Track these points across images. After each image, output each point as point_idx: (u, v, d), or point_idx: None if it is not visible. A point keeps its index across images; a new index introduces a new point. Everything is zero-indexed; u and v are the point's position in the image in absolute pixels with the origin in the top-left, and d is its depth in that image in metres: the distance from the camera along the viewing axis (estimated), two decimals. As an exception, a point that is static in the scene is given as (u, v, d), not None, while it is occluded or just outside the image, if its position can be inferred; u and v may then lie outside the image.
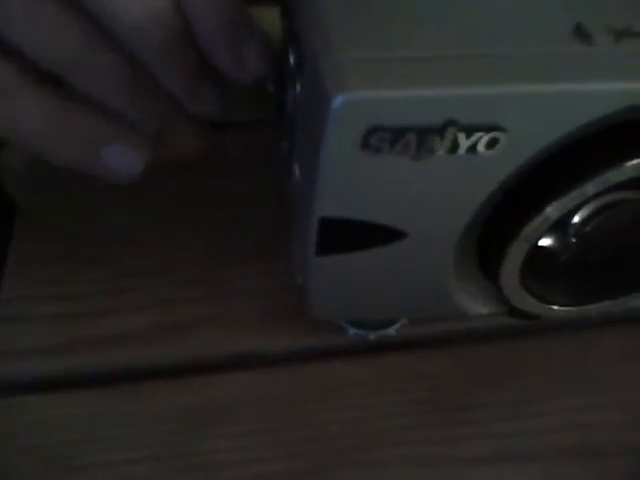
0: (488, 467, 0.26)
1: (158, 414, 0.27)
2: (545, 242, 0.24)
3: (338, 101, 0.17)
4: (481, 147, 0.19)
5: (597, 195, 0.21)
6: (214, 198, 0.33)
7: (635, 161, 0.20)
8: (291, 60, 0.24)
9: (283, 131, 0.30)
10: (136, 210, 0.32)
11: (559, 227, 0.23)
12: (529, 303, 0.25)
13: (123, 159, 0.23)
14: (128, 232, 0.32)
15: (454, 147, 0.18)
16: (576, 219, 0.23)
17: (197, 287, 0.30)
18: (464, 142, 0.18)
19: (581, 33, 0.19)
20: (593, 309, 0.26)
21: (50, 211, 0.32)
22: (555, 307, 0.25)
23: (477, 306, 0.26)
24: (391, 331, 0.28)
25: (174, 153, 0.26)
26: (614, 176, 0.20)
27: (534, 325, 0.29)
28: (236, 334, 0.29)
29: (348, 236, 0.21)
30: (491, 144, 0.19)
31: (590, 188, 0.20)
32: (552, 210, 0.21)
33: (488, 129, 0.18)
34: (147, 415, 0.27)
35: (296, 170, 0.23)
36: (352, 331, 0.28)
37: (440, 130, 0.18)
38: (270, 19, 0.25)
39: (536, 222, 0.21)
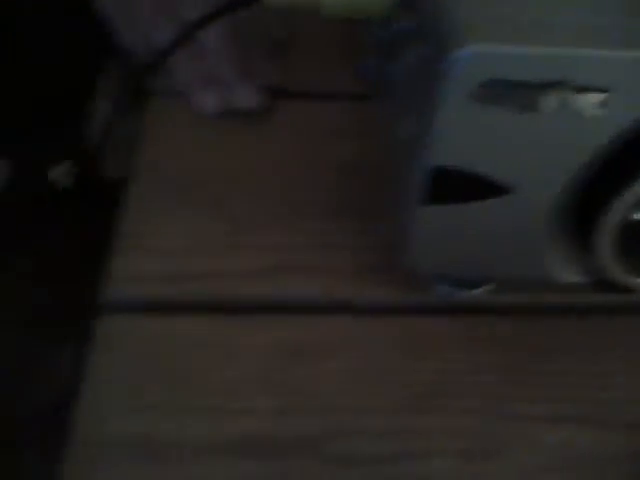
0: (564, 428, 0.27)
1: (256, 346, 0.29)
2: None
3: (458, 54, 0.19)
4: (589, 107, 0.20)
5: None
6: (322, 160, 0.35)
7: None
8: (403, 27, 0.26)
9: (385, 108, 0.32)
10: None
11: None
12: (620, 273, 0.26)
13: None
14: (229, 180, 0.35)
15: (564, 104, 0.20)
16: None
17: (299, 237, 0.32)
18: (574, 100, 0.20)
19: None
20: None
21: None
22: (644, 280, 0.26)
23: (567, 273, 0.27)
24: (478, 292, 0.29)
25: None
26: None
27: (615, 304, 0.30)
28: (334, 283, 0.31)
29: (456, 187, 0.23)
30: (599, 105, 0.20)
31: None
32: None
33: (598, 90, 0.20)
34: (246, 342, 0.29)
35: (406, 125, 0.25)
36: (441, 288, 0.29)
37: (552, 87, 0.20)
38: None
39: (634, 190, 0.22)
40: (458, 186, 0.23)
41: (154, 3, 0.35)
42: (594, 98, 0.20)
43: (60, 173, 0.35)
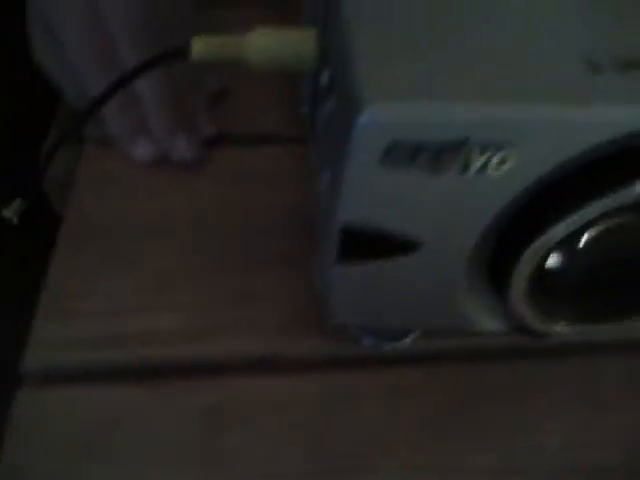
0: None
1: (177, 412, 0.28)
2: (553, 261, 0.25)
3: (362, 117, 0.19)
4: (492, 165, 0.20)
5: (604, 216, 0.22)
6: (241, 207, 0.35)
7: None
8: (324, 80, 0.26)
9: (315, 149, 0.32)
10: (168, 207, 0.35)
11: (566, 246, 0.24)
12: (536, 320, 0.26)
13: None
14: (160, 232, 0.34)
15: (467, 164, 0.20)
16: (583, 239, 0.24)
17: (221, 291, 0.32)
18: (477, 159, 0.20)
19: (591, 61, 0.21)
20: (599, 331, 0.27)
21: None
22: (559, 326, 0.26)
23: (486, 321, 0.27)
24: (404, 343, 0.29)
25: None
26: (620, 198, 0.21)
27: (542, 346, 0.31)
28: (256, 339, 0.31)
29: (367, 245, 0.23)
30: (502, 163, 0.20)
31: (596, 209, 0.22)
32: (559, 229, 0.22)
33: (499, 147, 0.20)
34: (167, 411, 0.28)
35: (322, 181, 0.25)
36: (367, 341, 0.29)
37: (454, 147, 0.20)
38: (306, 41, 0.27)
39: (543, 240, 0.22)
40: (369, 244, 0.23)
41: (89, 52, 0.35)
42: (496, 156, 0.20)
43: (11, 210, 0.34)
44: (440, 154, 0.20)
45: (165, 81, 0.35)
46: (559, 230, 0.22)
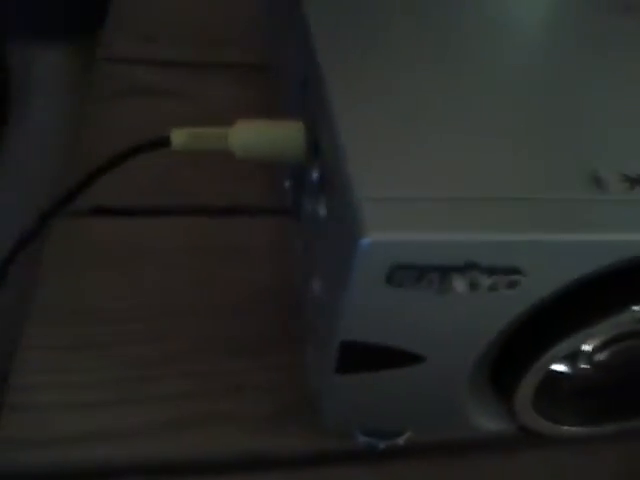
0: None
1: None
2: (557, 368, 0.24)
3: (363, 244, 0.18)
4: (500, 287, 0.19)
5: (610, 330, 0.21)
6: (231, 286, 0.33)
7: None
8: (314, 175, 0.25)
9: (298, 231, 0.31)
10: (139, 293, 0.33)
11: (572, 355, 0.23)
12: (540, 424, 0.25)
13: None
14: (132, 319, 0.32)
15: (474, 286, 0.19)
16: (588, 348, 0.23)
17: (203, 381, 0.30)
18: (484, 282, 0.19)
19: (597, 180, 0.20)
20: (605, 430, 0.26)
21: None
22: (566, 428, 0.25)
23: (488, 423, 0.26)
24: (400, 441, 0.28)
25: None
26: (626, 316, 0.21)
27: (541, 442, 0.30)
28: (243, 433, 0.29)
29: (367, 358, 0.22)
30: (510, 285, 0.19)
31: (602, 327, 0.21)
32: (567, 344, 0.21)
33: (507, 272, 0.19)
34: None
35: (316, 285, 0.24)
36: (362, 439, 0.28)
37: (461, 270, 0.19)
38: (294, 133, 0.26)
39: (551, 353, 0.22)
40: (370, 357, 0.22)
41: None
42: (503, 279, 0.19)
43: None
44: (446, 276, 0.19)
45: None
46: (564, 346, 0.21)
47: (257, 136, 0.25)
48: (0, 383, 0.29)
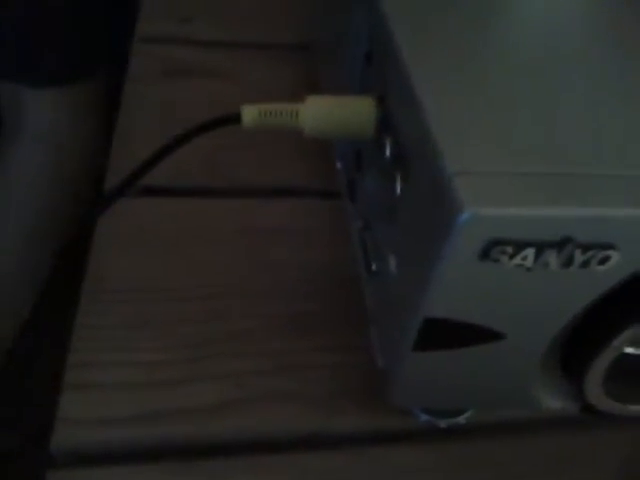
0: None
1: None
2: (630, 349, 0.24)
3: (461, 218, 0.18)
4: (594, 263, 0.19)
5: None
6: (287, 266, 0.33)
7: None
8: (387, 151, 0.25)
9: (355, 213, 0.31)
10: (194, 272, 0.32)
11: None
12: (608, 404, 0.25)
13: None
14: (189, 298, 0.32)
15: (569, 262, 0.19)
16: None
17: (263, 361, 0.30)
18: (579, 258, 0.19)
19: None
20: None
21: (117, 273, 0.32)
22: (633, 407, 0.25)
23: (553, 401, 0.26)
24: (461, 419, 0.28)
25: None
26: None
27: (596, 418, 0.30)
28: (303, 411, 0.29)
29: (448, 335, 0.22)
30: (603, 260, 0.19)
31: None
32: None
33: (602, 247, 0.19)
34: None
35: (391, 263, 0.24)
36: (424, 417, 0.28)
37: (558, 246, 0.19)
38: (365, 108, 0.25)
39: (627, 334, 0.22)
40: (451, 334, 0.22)
41: None
42: (598, 255, 0.19)
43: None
44: (542, 251, 0.19)
45: None
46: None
47: (328, 112, 0.25)
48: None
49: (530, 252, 0.19)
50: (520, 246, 0.19)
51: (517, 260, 0.19)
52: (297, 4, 0.48)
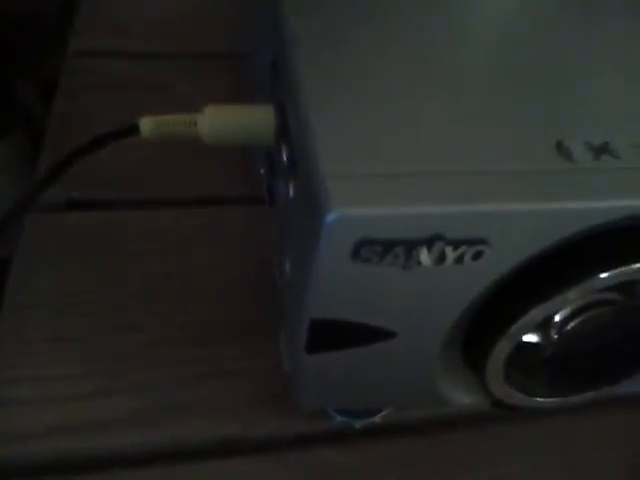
0: None
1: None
2: (529, 338, 0.24)
3: (330, 218, 0.18)
4: (467, 259, 0.19)
5: (580, 297, 0.22)
6: (206, 274, 0.33)
7: (612, 272, 0.21)
8: (284, 156, 0.25)
9: (274, 217, 0.31)
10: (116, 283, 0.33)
11: (542, 325, 0.24)
12: (513, 396, 0.25)
13: None
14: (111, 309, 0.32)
15: (441, 259, 0.19)
16: (558, 318, 0.24)
17: (181, 368, 0.30)
18: (450, 254, 0.19)
19: (562, 150, 0.20)
20: (575, 400, 0.26)
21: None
22: (538, 399, 0.26)
23: (462, 397, 0.26)
24: (377, 419, 0.28)
25: None
26: (593, 284, 0.21)
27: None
28: (219, 419, 0.29)
29: (338, 335, 0.22)
30: (476, 256, 0.19)
31: (571, 295, 0.21)
32: (535, 313, 0.21)
33: (473, 243, 0.19)
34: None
35: (287, 266, 0.24)
36: (338, 419, 0.28)
37: (427, 243, 0.19)
38: (264, 117, 0.26)
39: (519, 324, 0.22)
40: (341, 335, 0.22)
41: None
42: (469, 251, 0.19)
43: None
44: (412, 250, 0.19)
45: None
46: (535, 315, 0.21)
47: (226, 120, 0.25)
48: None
49: (400, 250, 0.19)
50: (389, 245, 0.19)
51: (389, 259, 0.19)
52: (233, 13, 0.48)
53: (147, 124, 0.25)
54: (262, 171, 0.35)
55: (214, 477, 0.28)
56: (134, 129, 0.25)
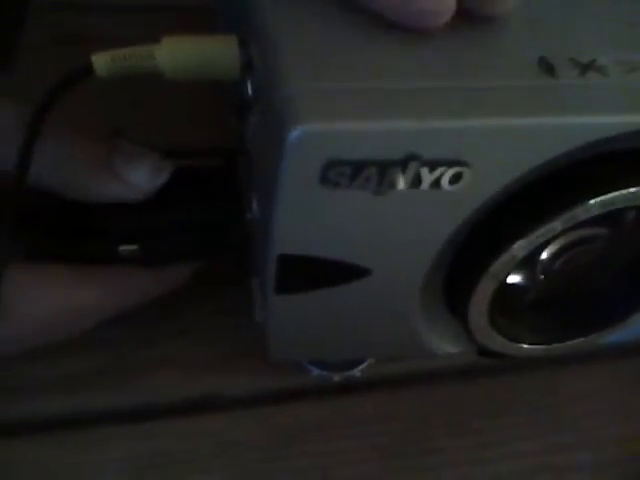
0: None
1: (106, 463, 0.25)
2: (513, 279, 0.23)
3: (294, 135, 0.16)
4: (445, 182, 0.18)
5: (564, 232, 0.20)
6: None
7: (601, 198, 0.19)
8: (249, 90, 0.23)
9: (244, 165, 0.29)
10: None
11: (527, 264, 0.22)
12: (498, 342, 0.24)
13: None
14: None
15: (416, 182, 0.18)
16: (544, 256, 0.22)
17: (151, 326, 0.28)
18: (427, 177, 0.18)
19: (545, 66, 0.19)
20: (563, 348, 0.25)
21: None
22: (524, 346, 0.24)
23: (446, 346, 0.25)
24: (356, 372, 0.27)
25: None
26: (581, 213, 0.19)
27: (503, 364, 0.29)
28: (193, 376, 0.27)
29: (309, 274, 0.20)
30: (455, 179, 0.18)
31: (557, 225, 0.20)
32: (519, 247, 0.20)
33: (451, 164, 0.18)
34: (93, 465, 0.25)
35: (254, 203, 0.22)
36: (316, 372, 0.26)
37: (402, 164, 0.17)
38: (227, 47, 0.24)
39: (503, 259, 0.20)
40: (312, 273, 0.20)
41: None
42: (447, 173, 0.18)
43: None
44: (385, 171, 0.17)
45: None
46: (519, 250, 0.20)
47: (187, 51, 0.23)
48: None
49: (372, 172, 0.17)
50: (360, 166, 0.17)
51: (359, 182, 0.18)
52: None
53: (101, 61, 0.23)
54: (233, 122, 0.33)
55: (186, 435, 0.26)
56: (88, 69, 0.23)
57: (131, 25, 0.43)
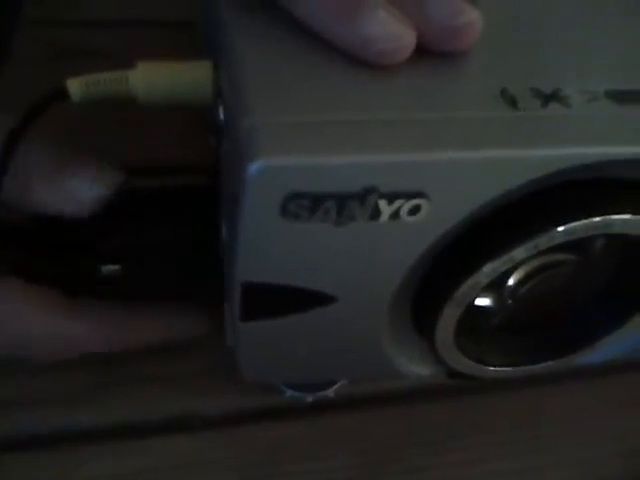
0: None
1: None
2: (481, 302, 0.23)
3: (254, 167, 0.17)
4: (404, 213, 0.18)
5: (530, 258, 0.21)
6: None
7: (563, 227, 0.19)
8: (221, 116, 0.23)
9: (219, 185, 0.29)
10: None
11: (494, 288, 0.22)
12: (466, 364, 0.24)
13: None
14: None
15: (375, 214, 0.18)
16: (511, 281, 0.22)
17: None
18: (386, 209, 0.18)
19: (507, 97, 0.19)
20: (530, 370, 0.25)
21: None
22: (492, 368, 0.25)
23: (416, 368, 0.25)
24: (329, 393, 0.27)
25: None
26: (543, 241, 0.20)
27: (478, 383, 0.29)
28: (170, 395, 0.28)
29: (274, 301, 0.21)
30: (414, 211, 0.18)
31: (520, 253, 0.20)
32: (482, 274, 0.20)
33: (410, 196, 0.18)
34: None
35: (224, 227, 0.23)
36: (289, 393, 0.27)
37: (360, 197, 0.18)
38: (201, 74, 0.24)
39: (467, 286, 0.21)
40: (277, 300, 0.20)
41: None
42: (406, 205, 0.18)
43: None
44: (344, 204, 0.18)
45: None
46: (482, 277, 0.20)
47: (160, 77, 0.24)
48: None
49: (331, 205, 0.18)
50: (318, 199, 0.17)
51: (319, 215, 0.18)
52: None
53: (75, 86, 0.24)
54: (212, 141, 0.33)
55: (161, 454, 0.26)
56: (62, 93, 0.24)
57: (120, 39, 0.43)
